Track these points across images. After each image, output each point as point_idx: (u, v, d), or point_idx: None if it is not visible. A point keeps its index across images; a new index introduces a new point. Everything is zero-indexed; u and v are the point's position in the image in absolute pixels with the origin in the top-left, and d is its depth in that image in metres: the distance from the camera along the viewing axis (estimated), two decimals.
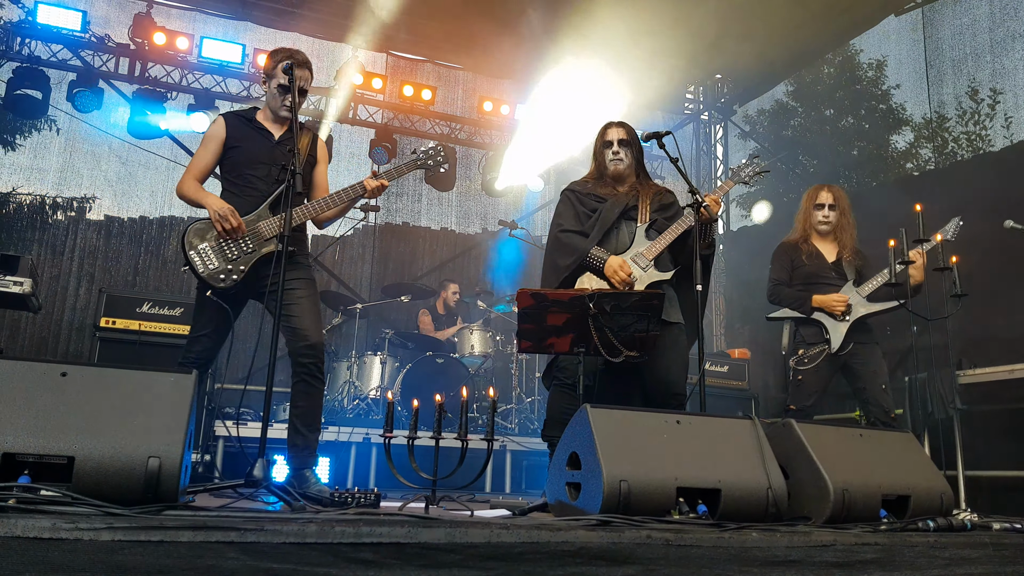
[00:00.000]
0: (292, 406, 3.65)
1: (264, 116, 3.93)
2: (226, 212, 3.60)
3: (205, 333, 3.73)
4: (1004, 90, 8.93)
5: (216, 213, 3.62)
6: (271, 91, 3.83)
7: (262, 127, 3.88)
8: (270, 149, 3.83)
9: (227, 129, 3.83)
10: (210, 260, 3.62)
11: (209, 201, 3.68)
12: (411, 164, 4.10)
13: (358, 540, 1.92)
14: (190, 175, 3.80)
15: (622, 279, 3.74)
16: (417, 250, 10.32)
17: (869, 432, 3.36)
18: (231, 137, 3.81)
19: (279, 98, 3.81)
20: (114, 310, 5.81)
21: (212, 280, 3.60)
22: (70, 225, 8.90)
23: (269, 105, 3.89)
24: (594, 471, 2.60)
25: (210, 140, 3.83)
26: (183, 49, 8.38)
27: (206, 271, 3.60)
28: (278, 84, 3.78)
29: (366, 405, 6.93)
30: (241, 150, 3.80)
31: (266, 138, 3.86)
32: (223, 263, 3.62)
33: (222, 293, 3.60)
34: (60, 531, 1.69)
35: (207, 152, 3.82)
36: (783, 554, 2.21)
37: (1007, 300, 6.03)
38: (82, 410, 2.23)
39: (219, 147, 3.82)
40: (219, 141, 3.82)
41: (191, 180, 3.78)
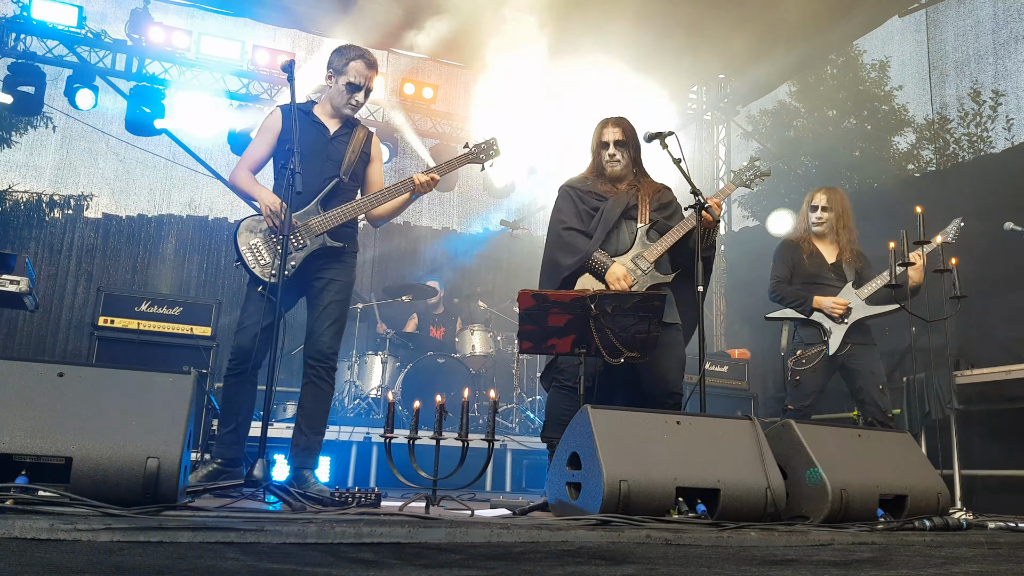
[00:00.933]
0: (299, 406, 3.68)
1: (322, 111, 3.91)
2: (278, 207, 3.56)
3: (248, 325, 3.65)
4: (1006, 92, 8.93)
5: (268, 208, 3.60)
6: (338, 87, 3.81)
7: (318, 120, 3.86)
8: (324, 144, 3.82)
9: (283, 121, 3.80)
10: (261, 255, 3.62)
11: (261, 195, 3.66)
12: (463, 159, 4.07)
13: (358, 540, 1.92)
14: (243, 166, 3.79)
15: (622, 289, 3.71)
16: (418, 250, 10.31)
17: (867, 432, 3.37)
18: (287, 129, 3.75)
19: (347, 95, 3.80)
20: (113, 309, 5.80)
21: (263, 275, 3.57)
22: (67, 223, 8.89)
23: (332, 101, 3.87)
24: (594, 471, 2.60)
25: (266, 131, 3.82)
26: (181, 45, 8.34)
27: (258, 267, 3.60)
28: (347, 82, 3.77)
29: (367, 405, 6.94)
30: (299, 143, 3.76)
31: (321, 132, 3.84)
32: (275, 258, 3.59)
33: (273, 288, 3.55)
34: (58, 532, 1.69)
35: (262, 143, 3.81)
36: (781, 553, 2.22)
37: (1004, 302, 6.04)
38: (80, 410, 2.23)
39: (274, 139, 3.80)
40: (275, 133, 3.80)
41: (244, 171, 3.78)
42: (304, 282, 3.73)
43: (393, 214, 4.05)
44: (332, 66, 3.84)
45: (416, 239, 10.36)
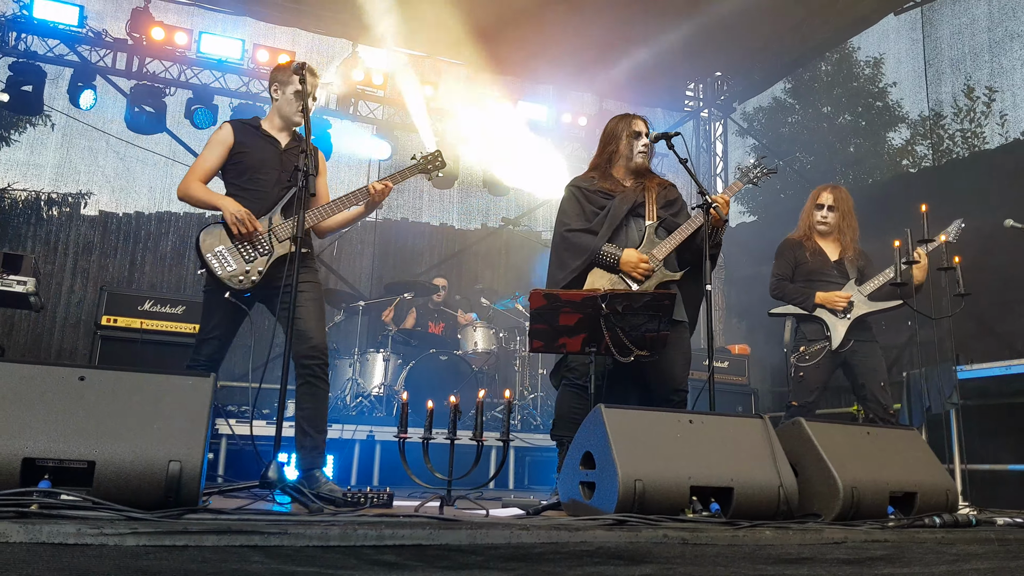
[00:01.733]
0: (298, 408, 3.66)
1: (270, 125, 3.97)
2: (243, 216, 3.64)
3: (216, 335, 3.76)
4: (1001, 89, 8.98)
5: (233, 216, 3.65)
6: (286, 96, 3.89)
7: (269, 135, 3.93)
8: (278, 156, 3.89)
9: (235, 135, 3.87)
10: (227, 262, 3.65)
11: (224, 204, 3.70)
12: (412, 169, 4.20)
13: (380, 543, 1.93)
14: (194, 177, 3.80)
15: (644, 271, 3.77)
16: (418, 246, 10.31)
17: (876, 430, 3.39)
18: (239, 143, 3.85)
19: (295, 103, 3.86)
20: (115, 308, 5.79)
21: (230, 282, 3.62)
22: (64, 221, 8.87)
23: (281, 112, 3.93)
24: (609, 470, 2.62)
25: (217, 144, 3.85)
26: (182, 44, 8.33)
27: (224, 273, 3.63)
28: (295, 90, 3.84)
29: (369, 402, 6.94)
30: (249, 155, 3.84)
31: (273, 146, 3.91)
32: (241, 264, 3.66)
33: (238, 294, 3.64)
34: (85, 536, 1.70)
35: (213, 156, 3.84)
36: (796, 552, 2.24)
37: (1003, 297, 6.08)
38: (101, 414, 2.23)
39: (226, 152, 3.85)
40: (227, 146, 3.85)
41: (197, 182, 3.80)
42: (268, 290, 3.75)
43: (344, 226, 4.12)
44: (277, 80, 3.93)
45: (416, 236, 10.35)
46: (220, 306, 3.69)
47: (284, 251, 3.70)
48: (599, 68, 8.92)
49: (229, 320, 3.75)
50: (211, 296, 3.73)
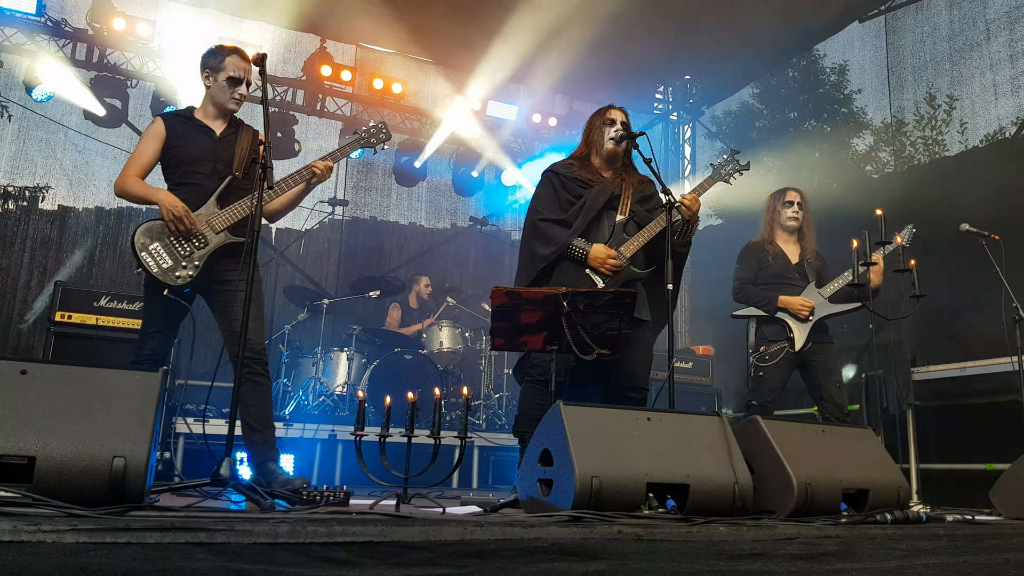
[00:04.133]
0: (242, 407, 3.59)
1: (204, 113, 3.91)
2: (180, 211, 3.58)
3: (156, 330, 3.72)
4: (961, 97, 9.14)
5: (170, 212, 3.59)
6: (219, 84, 3.83)
7: (202, 124, 3.87)
8: (212, 145, 3.83)
9: (167, 129, 3.82)
10: (163, 259, 3.60)
11: (161, 198, 3.64)
12: (354, 143, 4.13)
13: (331, 539, 1.90)
14: (132, 172, 3.74)
15: (611, 267, 3.75)
16: (385, 245, 10.25)
17: (831, 428, 3.43)
18: (172, 136, 3.80)
19: (228, 90, 3.82)
20: (70, 304, 5.67)
21: (166, 279, 3.57)
22: (21, 215, 8.67)
23: (215, 99, 3.87)
24: (566, 468, 2.61)
25: (151, 139, 3.80)
26: (144, 35, 8.21)
27: (159, 270, 3.58)
28: (228, 76, 3.80)
29: (332, 401, 6.88)
30: (183, 148, 3.78)
31: (207, 135, 3.85)
32: (176, 261, 3.61)
33: (177, 291, 3.59)
34: (22, 533, 1.65)
35: (148, 150, 3.79)
36: (749, 547, 2.25)
37: (960, 300, 6.19)
38: (43, 409, 2.17)
39: (159, 146, 3.80)
40: (159, 140, 3.80)
41: (133, 177, 3.74)
42: (207, 283, 3.72)
43: (289, 206, 4.06)
44: (208, 66, 3.87)
45: (383, 234, 10.29)
46: (159, 302, 3.63)
47: (221, 242, 3.67)
48: (569, 69, 8.93)
49: (169, 316, 3.71)
50: (150, 291, 3.68)
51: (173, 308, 3.66)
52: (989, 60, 8.26)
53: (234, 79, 3.81)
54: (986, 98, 8.56)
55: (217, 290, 3.75)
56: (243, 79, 3.84)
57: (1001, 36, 8.12)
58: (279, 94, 8.98)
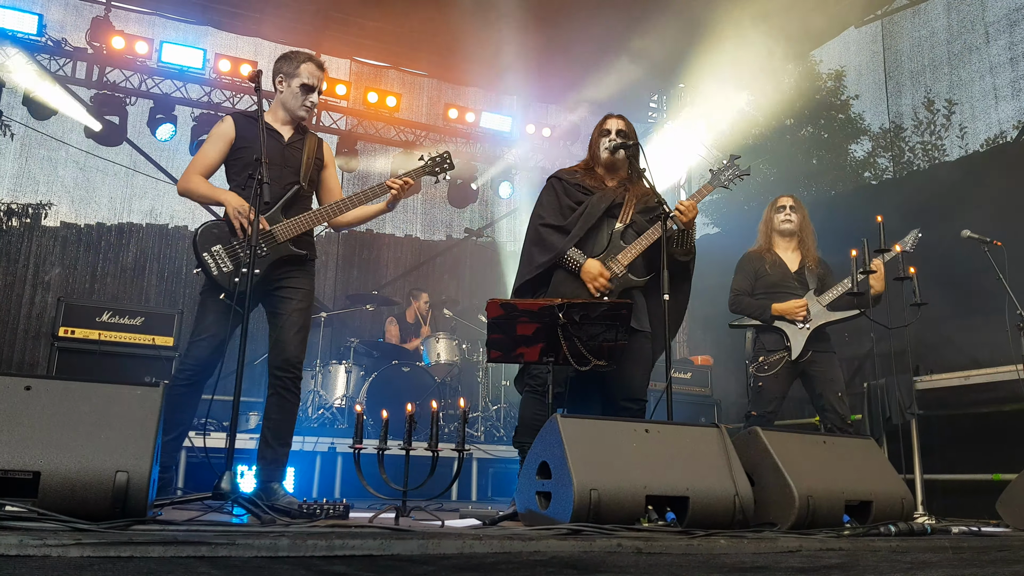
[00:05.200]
0: (265, 418, 3.60)
1: (273, 117, 3.87)
2: (247, 210, 3.52)
3: (207, 336, 3.60)
4: (960, 101, 9.15)
5: (236, 211, 3.53)
6: (291, 90, 3.79)
7: (271, 128, 3.81)
8: (281, 150, 3.78)
9: (236, 129, 3.76)
10: (224, 263, 3.54)
11: (228, 198, 3.59)
12: (420, 171, 4.09)
13: (331, 553, 1.91)
14: (195, 171, 3.69)
15: (599, 286, 3.73)
16: (381, 258, 10.27)
17: (832, 439, 3.43)
18: (240, 137, 3.73)
19: (301, 96, 3.78)
20: (73, 319, 5.68)
21: (225, 282, 3.51)
22: (25, 232, 8.70)
23: (286, 105, 3.83)
24: (564, 480, 2.61)
25: (218, 139, 3.74)
26: (142, 53, 8.25)
27: (219, 273, 3.52)
28: (301, 83, 3.76)
29: (331, 414, 6.88)
30: (251, 150, 3.67)
31: (276, 140, 3.79)
32: (238, 265, 3.53)
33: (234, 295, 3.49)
34: (28, 548, 1.66)
35: (214, 150, 3.73)
36: (750, 560, 2.25)
37: (962, 308, 6.17)
38: (47, 424, 2.18)
39: (227, 147, 3.74)
40: (227, 141, 3.74)
41: (198, 176, 3.69)
42: (265, 291, 3.68)
43: (363, 220, 4.04)
44: (282, 71, 3.83)
45: (379, 247, 10.31)
46: (214, 307, 3.57)
47: (283, 252, 3.62)
48: (563, 80, 8.98)
49: (224, 322, 3.59)
50: (206, 296, 3.62)
51: (226, 316, 3.55)
52: (989, 63, 8.27)
53: (308, 86, 3.77)
54: (986, 102, 8.57)
55: (274, 297, 3.69)
56: (316, 87, 3.81)
57: (1001, 39, 8.13)
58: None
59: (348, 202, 3.80)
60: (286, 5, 8.17)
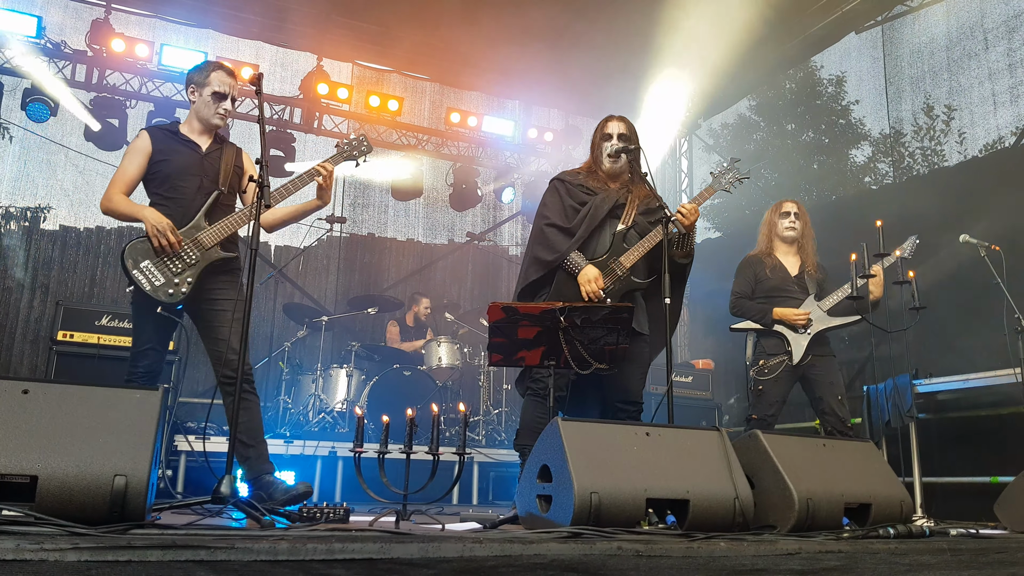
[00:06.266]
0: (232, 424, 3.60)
1: (189, 128, 3.91)
2: (164, 227, 3.57)
3: (149, 347, 3.71)
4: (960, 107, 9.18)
5: (154, 228, 3.57)
6: (203, 99, 3.83)
7: (188, 139, 3.86)
8: (199, 161, 3.83)
9: (152, 143, 3.80)
10: (155, 276, 3.58)
11: (146, 215, 3.63)
12: (337, 157, 4.07)
13: (330, 557, 1.91)
14: (117, 189, 3.73)
15: (591, 291, 3.73)
16: (383, 261, 10.26)
17: (832, 442, 3.43)
18: (157, 151, 3.78)
19: (213, 105, 3.82)
20: (72, 323, 5.69)
21: (159, 296, 3.56)
22: (24, 235, 8.70)
23: (200, 114, 3.87)
24: (565, 483, 2.61)
25: (135, 153, 3.79)
26: (143, 56, 8.23)
27: (152, 288, 3.56)
28: (212, 92, 3.81)
29: (332, 418, 6.87)
30: (169, 163, 3.77)
31: (193, 150, 3.84)
32: (168, 278, 3.59)
33: (170, 308, 3.58)
34: (25, 552, 1.66)
35: (132, 165, 3.77)
36: (750, 563, 2.24)
37: (961, 311, 6.18)
38: (45, 428, 2.18)
39: (145, 161, 3.78)
40: (145, 155, 3.78)
41: (119, 194, 3.72)
42: (197, 301, 3.71)
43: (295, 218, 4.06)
44: (193, 82, 3.87)
45: (381, 251, 10.31)
46: (150, 319, 3.63)
47: (212, 257, 3.67)
48: (565, 83, 8.98)
49: (162, 332, 3.72)
50: (140, 309, 3.67)
51: (165, 324, 3.66)
52: (988, 70, 8.29)
53: (219, 94, 3.81)
54: (985, 108, 8.59)
55: (204, 309, 3.73)
56: (228, 94, 3.84)
57: (999, 45, 8.14)
58: (276, 112, 9.02)
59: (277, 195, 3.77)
60: (288, 8, 8.16)
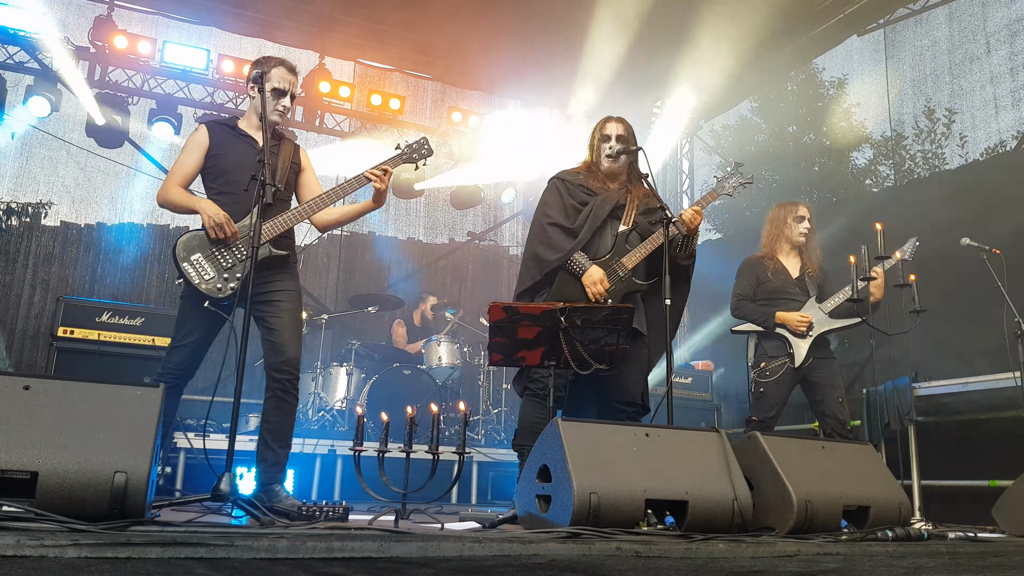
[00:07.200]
0: (263, 420, 3.60)
1: (247, 124, 3.89)
2: (222, 219, 3.55)
3: (188, 342, 3.65)
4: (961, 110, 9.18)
5: (211, 220, 3.55)
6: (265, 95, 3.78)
7: (245, 134, 3.85)
8: (255, 156, 3.75)
9: (210, 137, 3.79)
10: (205, 271, 3.55)
11: (203, 206, 3.61)
12: (397, 159, 4.03)
13: (330, 555, 1.91)
14: (174, 182, 3.72)
15: (597, 293, 3.74)
16: (383, 260, 10.26)
17: (831, 444, 3.43)
18: (215, 144, 3.77)
19: (272, 102, 3.78)
20: (72, 319, 5.69)
21: (209, 291, 3.52)
22: (25, 231, 8.70)
23: (259, 111, 3.82)
24: (564, 484, 2.61)
25: (193, 147, 3.77)
26: (145, 53, 8.23)
27: (202, 282, 3.52)
28: (272, 88, 3.77)
29: (331, 416, 6.87)
30: (226, 157, 3.75)
31: (251, 145, 3.81)
32: (219, 272, 3.56)
33: (218, 302, 3.52)
34: (24, 548, 1.66)
35: (190, 159, 3.76)
36: (748, 564, 2.25)
37: (961, 315, 6.18)
38: (46, 424, 2.18)
39: (202, 155, 3.77)
40: (202, 149, 3.77)
41: (176, 187, 3.71)
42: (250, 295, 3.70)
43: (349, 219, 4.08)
44: (253, 76, 3.84)
45: (382, 249, 10.31)
46: (196, 313, 3.58)
47: (263, 255, 3.61)
48: (566, 84, 8.98)
49: (205, 328, 3.64)
50: (187, 303, 3.63)
51: (210, 320, 3.59)
52: (989, 73, 8.29)
53: (278, 91, 3.78)
54: (986, 111, 8.59)
55: (256, 302, 3.67)
56: (287, 91, 3.82)
57: (1001, 49, 8.15)
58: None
59: (326, 197, 3.78)
60: (290, 7, 8.16)
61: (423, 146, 4.11)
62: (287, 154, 3.90)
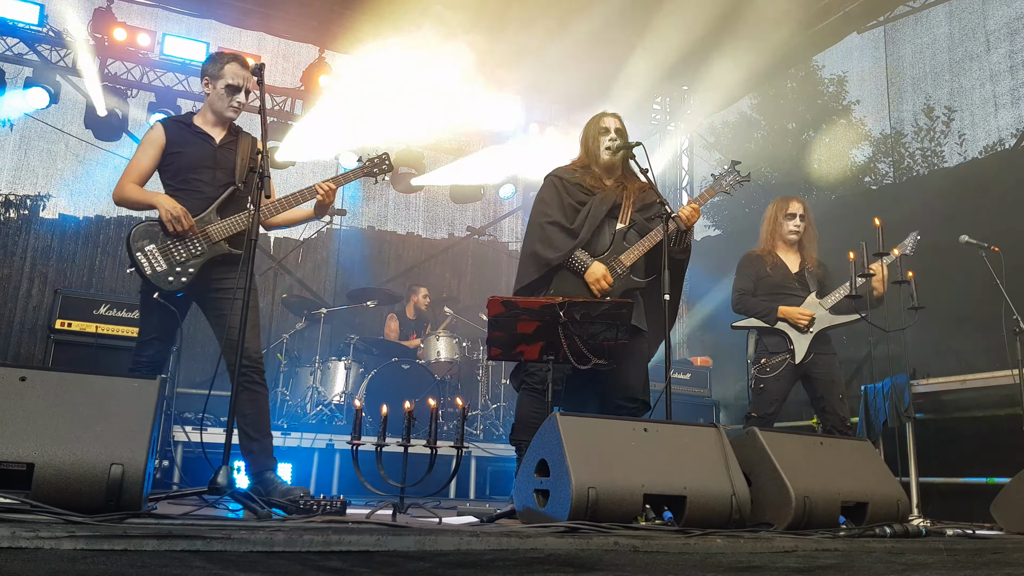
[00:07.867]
0: (239, 416, 3.56)
1: (203, 120, 3.90)
2: (179, 213, 3.57)
3: (154, 336, 3.71)
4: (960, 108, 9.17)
5: (169, 213, 3.57)
6: (217, 92, 3.83)
7: (202, 131, 3.86)
8: (212, 152, 3.83)
9: (167, 135, 3.80)
10: (157, 262, 3.59)
11: (160, 200, 3.63)
12: (358, 171, 4.13)
13: (327, 548, 1.90)
14: (129, 179, 3.74)
15: (601, 288, 3.75)
16: (383, 255, 10.26)
17: (829, 440, 3.43)
18: (171, 143, 3.79)
19: (227, 98, 3.81)
20: (70, 312, 5.67)
21: (158, 282, 3.56)
22: (23, 224, 8.68)
23: (213, 107, 3.87)
24: (563, 478, 2.61)
25: (149, 145, 3.78)
26: (144, 46, 8.22)
27: (152, 273, 3.56)
28: (226, 84, 3.79)
29: (329, 411, 6.87)
30: (183, 155, 3.77)
31: (207, 142, 3.84)
32: (171, 265, 3.60)
33: (168, 295, 3.57)
34: (20, 539, 1.65)
35: (146, 157, 3.77)
36: (746, 560, 2.24)
37: (959, 312, 6.19)
38: (42, 416, 2.17)
39: (158, 153, 3.78)
40: (159, 147, 3.78)
41: (131, 184, 3.73)
42: (201, 291, 3.72)
43: (291, 223, 4.11)
44: (207, 73, 3.86)
45: (381, 244, 10.30)
46: (154, 308, 3.63)
47: (217, 252, 3.66)
48: (566, 80, 8.97)
49: (166, 321, 3.69)
50: (146, 297, 3.67)
51: (168, 314, 3.65)
52: (989, 71, 8.28)
53: (232, 87, 3.80)
54: (986, 109, 8.58)
55: (213, 297, 3.74)
56: (242, 87, 3.84)
57: (1001, 47, 8.14)
58: (277, 104, 9.00)
59: (281, 204, 3.82)
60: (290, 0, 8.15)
61: (384, 161, 4.20)
62: (245, 148, 3.92)
